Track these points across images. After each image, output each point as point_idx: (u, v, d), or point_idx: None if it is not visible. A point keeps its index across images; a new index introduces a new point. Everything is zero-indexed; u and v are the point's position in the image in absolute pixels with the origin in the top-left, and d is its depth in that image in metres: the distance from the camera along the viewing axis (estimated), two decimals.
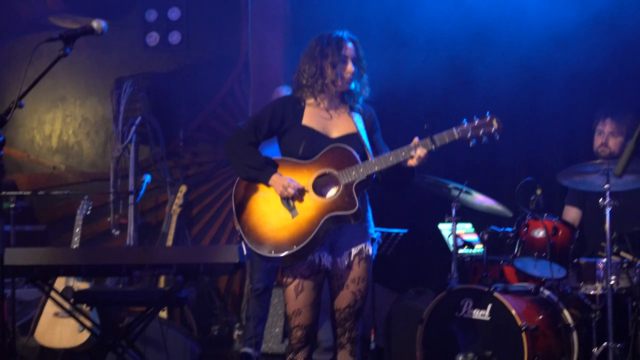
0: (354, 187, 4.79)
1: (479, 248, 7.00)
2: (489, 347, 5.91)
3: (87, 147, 9.94)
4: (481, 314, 5.98)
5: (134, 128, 9.27)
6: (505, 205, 6.68)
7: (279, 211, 4.89)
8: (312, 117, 5.02)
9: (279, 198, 4.90)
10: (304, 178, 4.90)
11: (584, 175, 6.09)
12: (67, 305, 6.62)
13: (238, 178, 5.06)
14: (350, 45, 5.01)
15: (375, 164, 4.83)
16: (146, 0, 9.61)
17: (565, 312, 6.01)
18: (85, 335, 7.54)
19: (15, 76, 9.33)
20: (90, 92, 9.94)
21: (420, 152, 4.79)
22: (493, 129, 4.82)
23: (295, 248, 4.76)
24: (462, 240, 6.98)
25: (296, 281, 4.90)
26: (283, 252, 4.79)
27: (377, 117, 5.19)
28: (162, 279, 7.96)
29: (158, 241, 8.73)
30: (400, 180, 5.04)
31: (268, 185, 4.92)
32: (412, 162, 4.83)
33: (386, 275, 8.17)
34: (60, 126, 10.01)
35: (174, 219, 8.63)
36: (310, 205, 4.84)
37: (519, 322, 5.72)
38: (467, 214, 6.91)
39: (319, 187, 4.87)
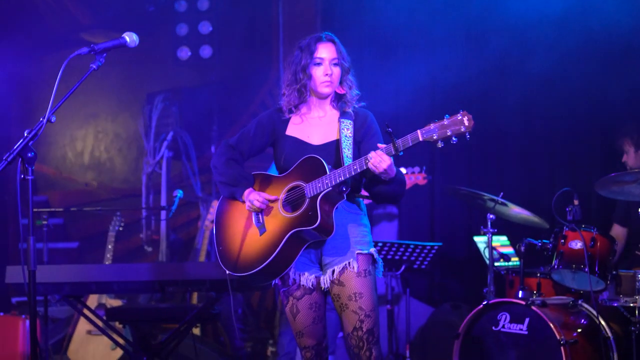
0: (318, 200, 4.41)
1: (515, 260, 6.91)
2: None
3: (119, 163, 9.94)
4: (519, 328, 5.88)
5: (165, 143, 9.25)
6: (542, 216, 6.58)
7: (249, 229, 4.69)
8: (296, 126, 4.76)
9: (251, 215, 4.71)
10: (277, 192, 4.64)
11: (622, 184, 6.01)
12: (99, 323, 6.59)
13: (222, 196, 4.90)
14: (325, 46, 4.70)
15: (339, 174, 4.40)
16: (177, 14, 9.59)
17: (605, 325, 5.90)
18: (118, 352, 7.52)
19: (49, 93, 9.38)
20: (122, 108, 9.95)
21: (375, 159, 4.29)
22: (463, 128, 4.19)
23: (257, 268, 4.52)
24: (498, 252, 6.89)
25: (289, 303, 4.70)
26: (246, 271, 4.59)
27: (373, 122, 4.75)
28: (194, 295, 7.92)
29: (190, 257, 8.69)
30: (383, 190, 4.54)
31: (242, 202, 4.70)
32: (374, 170, 4.33)
33: (421, 289, 8.10)
34: (92, 142, 10.02)
35: (207, 234, 8.59)
36: (278, 222, 4.57)
37: (558, 336, 5.61)
38: (503, 225, 6.83)
39: (293, 201, 4.58)
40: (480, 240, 7.08)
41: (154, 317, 6.61)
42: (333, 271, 4.58)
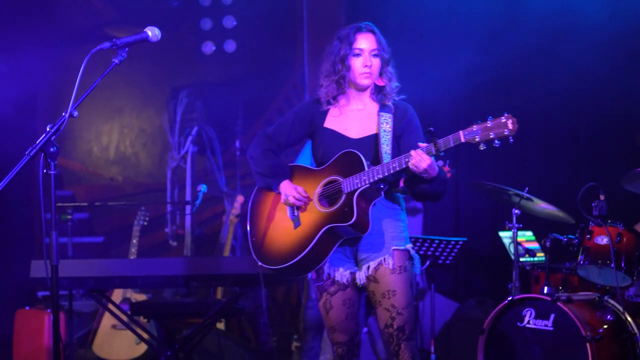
0: (355, 197, 4.35)
1: (540, 256, 6.87)
2: (552, 358, 5.76)
3: (143, 158, 9.96)
4: (544, 324, 5.83)
5: (190, 138, 9.26)
6: (567, 211, 6.53)
7: (284, 222, 4.65)
8: (335, 118, 4.70)
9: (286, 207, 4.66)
10: (314, 186, 4.59)
11: None
12: (124, 317, 6.60)
13: (257, 186, 4.85)
14: (365, 36, 4.62)
15: (378, 172, 4.34)
16: (201, 9, 9.59)
17: (631, 322, 5.84)
18: (143, 347, 7.54)
19: (72, 88, 9.41)
20: (147, 103, 9.96)
21: (415, 158, 4.23)
22: (506, 132, 4.16)
23: (290, 262, 4.49)
24: (523, 248, 6.85)
25: (323, 298, 4.66)
26: (278, 265, 4.55)
27: (413, 116, 4.67)
28: (219, 290, 7.92)
29: (215, 251, 8.69)
30: (425, 189, 4.47)
31: (278, 193, 4.66)
32: (414, 170, 4.28)
33: (446, 285, 8.08)
34: (117, 137, 10.04)
35: (231, 229, 8.58)
36: (313, 216, 4.52)
37: (584, 332, 5.57)
38: (528, 220, 6.78)
39: (329, 196, 4.52)
40: (505, 236, 7.04)
41: (178, 311, 6.62)
42: (368, 267, 4.55)
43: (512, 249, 6.58)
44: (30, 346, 7.62)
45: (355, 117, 4.67)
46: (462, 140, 4.18)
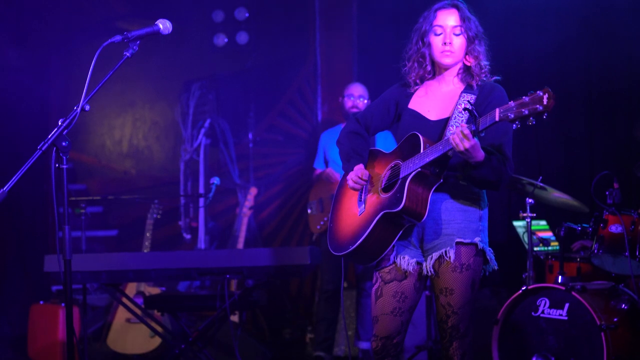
0: (407, 181, 4.11)
1: (554, 245, 6.85)
2: (566, 347, 5.75)
3: (156, 151, 9.96)
4: (558, 314, 5.82)
5: (203, 131, 9.26)
6: (581, 200, 6.50)
7: (354, 208, 4.51)
8: (419, 99, 4.49)
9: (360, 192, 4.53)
10: (382, 170, 4.42)
11: None
12: (138, 311, 6.62)
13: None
14: (447, 12, 4.40)
15: (427, 154, 4.10)
16: (212, 0, 9.57)
17: None
18: (157, 340, 7.55)
19: (84, 82, 9.44)
20: (159, 96, 9.96)
21: (456, 135, 3.95)
22: (540, 108, 3.72)
23: (349, 248, 4.34)
24: (537, 237, 6.83)
25: (377, 284, 4.46)
26: (341, 251, 4.42)
27: (498, 98, 4.36)
28: (233, 282, 7.93)
29: (229, 244, 8.69)
30: (474, 175, 4.18)
31: None
32: (455, 148, 3.99)
33: None
34: (130, 131, 10.04)
35: (245, 221, 8.59)
36: (374, 201, 4.34)
37: (598, 322, 5.55)
38: (542, 209, 6.76)
39: (390, 181, 4.31)
40: (519, 225, 7.02)
41: (192, 304, 6.62)
42: (431, 257, 4.35)
43: (526, 239, 6.56)
44: (45, 340, 7.64)
45: (439, 98, 4.47)
46: (497, 118, 3.85)
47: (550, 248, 6.82)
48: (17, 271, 9.03)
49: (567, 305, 5.79)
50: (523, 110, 3.76)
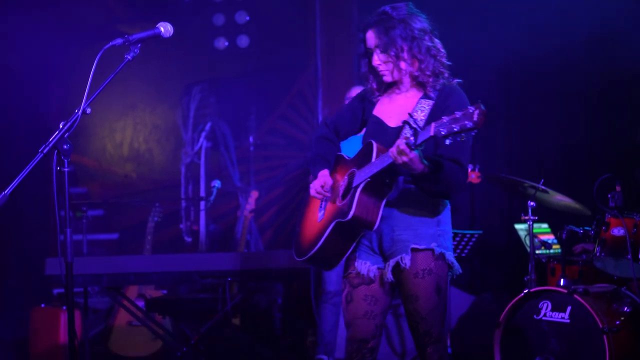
0: (358, 191, 4.06)
1: (556, 248, 6.84)
2: (568, 350, 5.74)
3: (157, 154, 9.96)
4: (560, 317, 5.81)
5: (203, 134, 9.27)
6: (583, 203, 6.50)
7: (315, 212, 4.48)
8: (382, 106, 4.41)
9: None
10: (342, 177, 4.34)
11: None
12: (139, 314, 6.61)
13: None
14: (368, 33, 4.31)
15: (376, 164, 4.04)
16: (213, 4, 9.57)
17: None
18: (159, 343, 7.54)
19: (85, 85, 9.44)
20: (160, 99, 9.97)
21: (394, 149, 3.87)
22: (469, 124, 3.60)
23: (308, 254, 4.30)
24: (539, 240, 6.82)
25: (346, 290, 4.40)
26: (301, 257, 4.40)
27: (456, 103, 4.17)
28: (234, 286, 7.92)
29: (230, 247, 8.69)
30: (422, 187, 4.13)
31: None
32: (394, 161, 3.90)
33: (461, 278, 8.01)
34: (131, 134, 10.05)
35: (246, 224, 8.58)
36: (331, 209, 4.30)
37: (601, 325, 5.54)
38: (544, 212, 6.75)
39: (346, 189, 4.25)
40: (521, 228, 7.01)
41: (193, 307, 6.63)
42: (388, 265, 4.28)
43: (527, 242, 6.55)
44: (46, 344, 7.64)
45: (399, 104, 4.35)
46: (432, 133, 3.72)
47: (552, 251, 6.82)
48: (17, 274, 9.02)
49: (569, 308, 5.78)
50: (454, 126, 3.65)
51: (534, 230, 6.53)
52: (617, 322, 5.66)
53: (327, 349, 7.45)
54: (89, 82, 3.91)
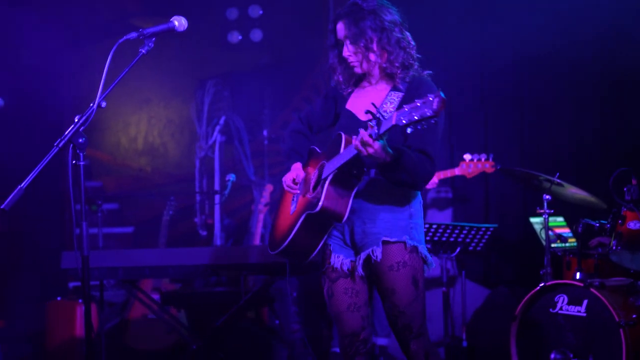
0: (326, 183, 4.07)
1: (572, 242, 6.82)
2: (585, 344, 5.72)
3: (172, 148, 9.97)
4: (577, 310, 5.79)
5: (217, 128, 9.28)
6: (599, 196, 6.47)
7: (288, 206, 4.49)
8: (354, 100, 4.42)
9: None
10: (313, 169, 4.36)
11: None
12: (155, 307, 6.62)
13: None
14: (338, 24, 4.34)
15: (343, 156, 4.04)
16: None
17: None
18: (174, 336, 7.55)
19: (99, 79, 9.46)
20: (175, 94, 9.97)
21: (358, 141, 3.84)
22: (428, 112, 3.56)
23: (281, 247, 4.31)
24: (555, 233, 6.80)
25: (326, 284, 4.40)
26: (274, 250, 4.40)
27: (425, 93, 3.87)
28: (249, 279, 7.92)
29: (245, 241, 8.70)
30: (389, 177, 4.10)
31: None
32: (358, 152, 3.90)
33: (476, 271, 8.04)
34: (146, 128, 10.06)
35: (260, 218, 8.58)
36: (302, 202, 4.30)
37: (617, 318, 5.52)
38: (559, 206, 6.73)
39: (316, 182, 4.27)
40: (536, 222, 6.99)
41: (208, 301, 6.64)
42: (360, 257, 4.28)
43: (543, 235, 6.53)
44: (63, 337, 7.66)
45: (370, 98, 4.32)
46: (393, 121, 3.69)
47: (567, 245, 6.79)
48: (33, 268, 9.05)
49: (585, 301, 5.76)
50: (414, 114, 3.61)
51: (550, 224, 6.51)
52: (634, 316, 5.64)
53: None
54: (103, 76, 3.92)
